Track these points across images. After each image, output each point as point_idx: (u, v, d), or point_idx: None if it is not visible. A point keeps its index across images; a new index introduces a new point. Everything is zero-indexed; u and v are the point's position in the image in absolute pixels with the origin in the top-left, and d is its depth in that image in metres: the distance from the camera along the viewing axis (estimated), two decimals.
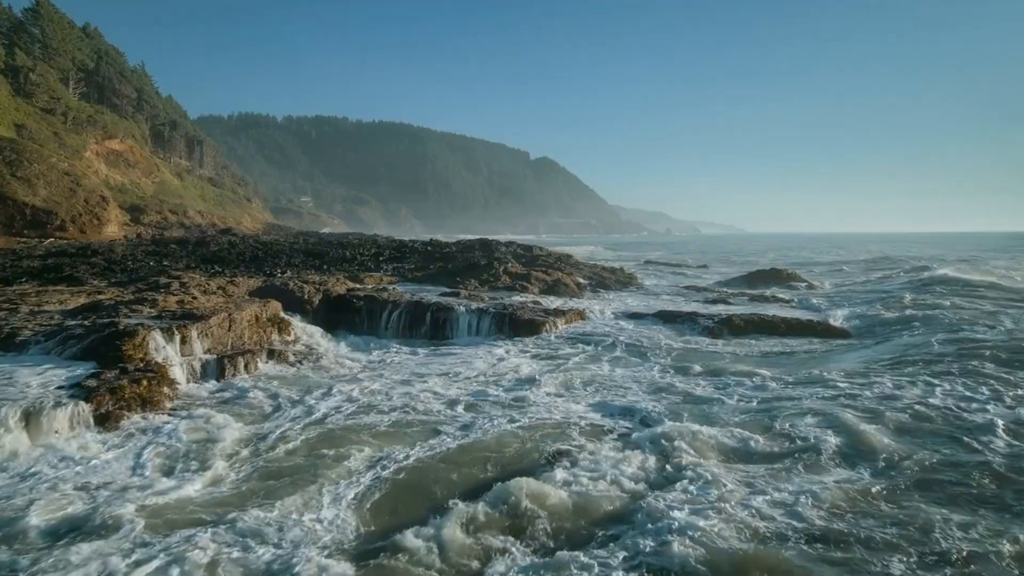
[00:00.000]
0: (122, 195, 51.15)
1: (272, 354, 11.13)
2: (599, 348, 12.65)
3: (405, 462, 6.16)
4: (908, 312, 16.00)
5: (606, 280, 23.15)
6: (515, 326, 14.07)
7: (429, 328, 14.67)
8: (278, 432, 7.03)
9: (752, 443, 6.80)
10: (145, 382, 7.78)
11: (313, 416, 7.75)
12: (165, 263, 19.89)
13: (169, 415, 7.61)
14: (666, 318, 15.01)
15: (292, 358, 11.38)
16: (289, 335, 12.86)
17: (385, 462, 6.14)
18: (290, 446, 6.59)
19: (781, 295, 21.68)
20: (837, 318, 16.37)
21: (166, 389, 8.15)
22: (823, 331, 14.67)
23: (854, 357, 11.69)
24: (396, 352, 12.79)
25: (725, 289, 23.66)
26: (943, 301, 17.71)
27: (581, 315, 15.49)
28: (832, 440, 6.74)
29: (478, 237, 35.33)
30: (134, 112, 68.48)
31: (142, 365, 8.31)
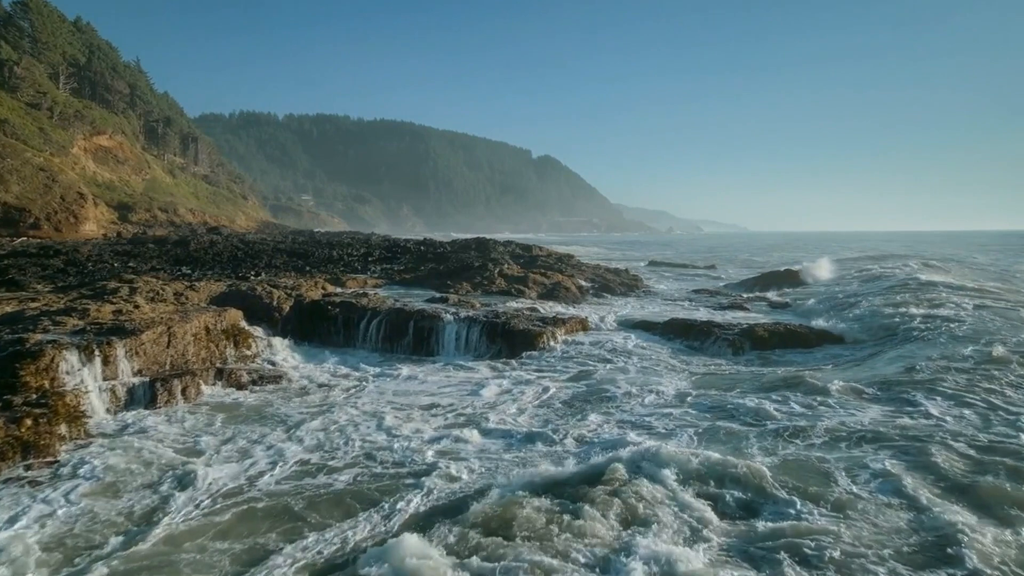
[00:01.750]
0: (110, 192, 49.67)
1: (221, 375, 9.49)
2: (605, 367, 10.96)
3: (333, 558, 4.47)
4: (940, 315, 14.26)
5: (610, 283, 21.48)
6: (508, 338, 12.42)
7: (411, 340, 13.05)
8: (179, 506, 5.25)
9: (800, 507, 5.16)
10: (30, 421, 6.14)
11: (240, 477, 5.96)
12: (131, 264, 18.30)
13: (55, 468, 5.97)
14: (680, 329, 13.32)
15: (246, 378, 9.74)
16: (249, 349, 11.24)
17: (303, 560, 4.44)
18: (183, 527, 4.83)
19: (800, 298, 20.00)
20: (869, 325, 14.65)
21: (63, 428, 6.52)
22: (855, 340, 13.05)
23: (895, 371, 9.97)
24: (371, 371, 11.13)
25: (739, 293, 21.97)
26: (978, 303, 15.98)
27: (583, 324, 13.84)
28: (902, 515, 5.06)
29: (474, 236, 33.69)
30: (126, 108, 66.96)
31: (34, 397, 6.68)
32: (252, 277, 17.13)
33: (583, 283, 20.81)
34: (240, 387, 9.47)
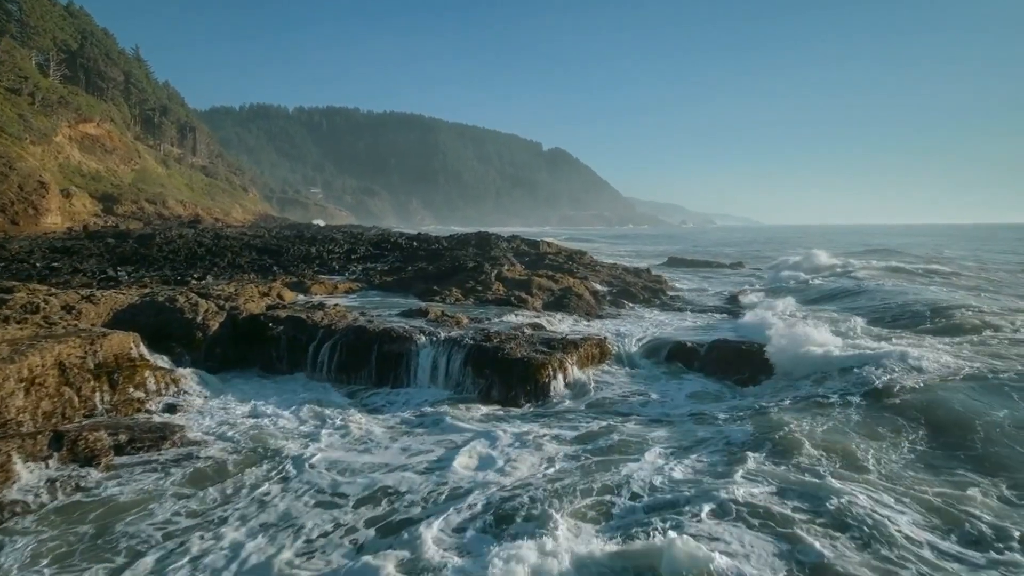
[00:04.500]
0: (95, 183, 47.06)
1: (61, 442, 6.31)
2: (633, 422, 7.68)
3: None
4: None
5: (630, 287, 18.12)
6: (501, 370, 9.14)
7: (374, 369, 9.85)
8: None
9: None
10: None
11: None
12: (55, 264, 15.26)
13: None
14: (732, 359, 9.85)
15: (107, 443, 6.54)
16: (141, 389, 8.09)
17: None
18: None
19: (858, 307, 16.52)
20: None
21: None
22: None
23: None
24: (307, 424, 7.96)
25: (790, 299, 18.48)
26: None
27: (602, 349, 10.50)
28: None
29: (475, 230, 30.41)
30: (116, 96, 64.31)
31: None
32: (194, 280, 14.03)
33: (598, 287, 17.49)
34: (93, 460, 6.29)
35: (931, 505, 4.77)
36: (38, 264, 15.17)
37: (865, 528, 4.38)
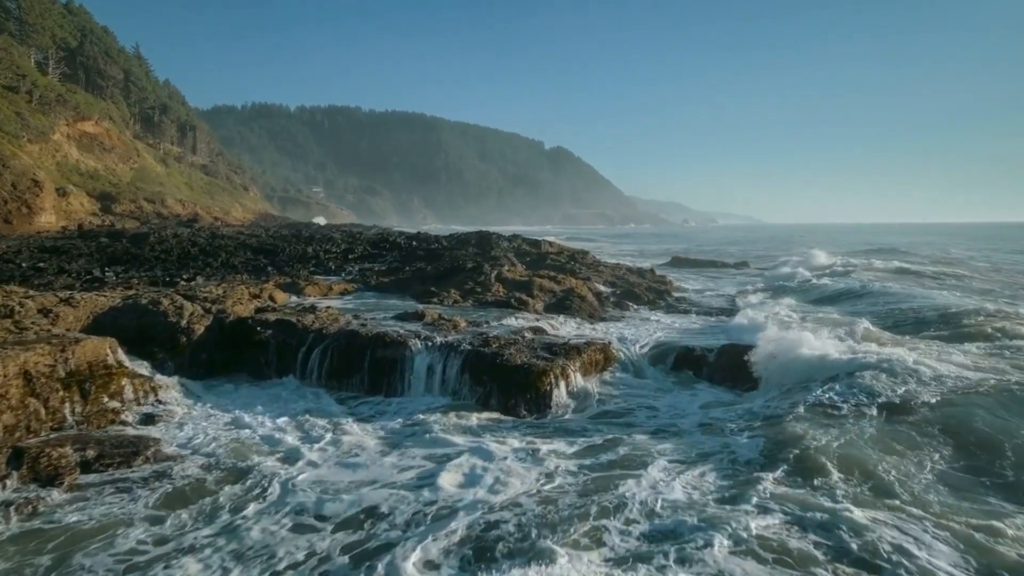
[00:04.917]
0: (93, 182, 46.72)
1: (20, 460, 5.88)
2: (639, 433, 7.23)
3: None
4: None
5: (634, 287, 17.65)
6: (500, 377, 8.69)
7: (367, 376, 9.42)
8: None
9: None
10: None
11: None
12: (40, 265, 14.86)
13: None
14: (742, 366, 9.48)
15: (73, 460, 6.12)
16: (117, 398, 7.67)
17: None
18: None
19: (864, 310, 16.04)
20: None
21: None
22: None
23: None
24: (293, 436, 7.51)
25: (791, 300, 18.02)
26: None
27: (606, 354, 10.04)
28: None
29: (476, 229, 29.94)
30: (115, 94, 63.92)
31: None
32: (183, 281, 13.61)
33: (601, 288, 17.02)
34: (56, 479, 5.86)
35: (970, 541, 4.31)
36: (23, 264, 14.77)
37: (902, 572, 3.93)
